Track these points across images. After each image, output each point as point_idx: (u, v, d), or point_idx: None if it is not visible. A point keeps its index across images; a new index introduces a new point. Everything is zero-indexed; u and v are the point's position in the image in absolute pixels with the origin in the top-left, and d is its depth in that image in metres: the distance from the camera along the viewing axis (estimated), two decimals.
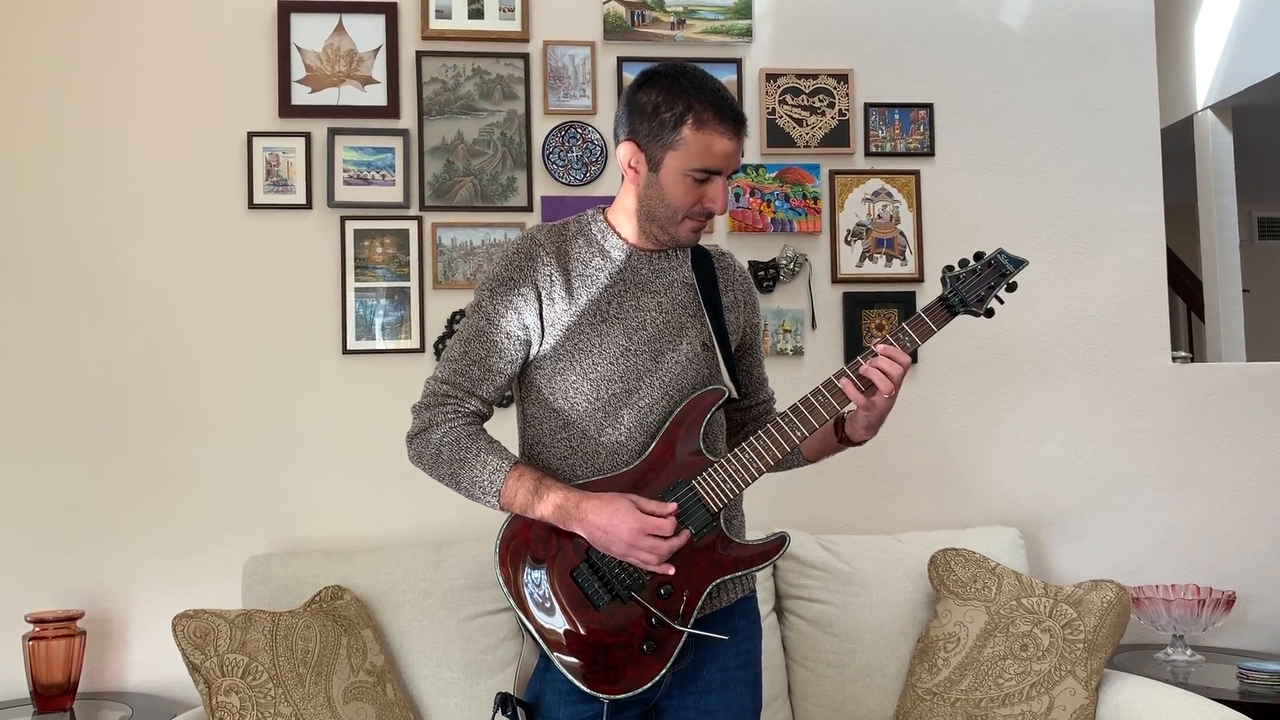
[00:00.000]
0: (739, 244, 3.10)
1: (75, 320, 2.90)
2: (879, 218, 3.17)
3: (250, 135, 2.96)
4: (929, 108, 3.21)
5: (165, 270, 2.93)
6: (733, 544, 1.84)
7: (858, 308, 3.14)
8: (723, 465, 1.82)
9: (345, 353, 2.97)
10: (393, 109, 3.02)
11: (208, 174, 2.96)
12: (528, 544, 1.80)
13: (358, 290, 2.98)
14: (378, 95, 3.02)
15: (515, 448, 1.94)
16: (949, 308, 1.87)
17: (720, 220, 3.08)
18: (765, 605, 2.77)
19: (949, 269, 1.90)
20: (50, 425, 2.87)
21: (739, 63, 3.14)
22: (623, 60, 3.10)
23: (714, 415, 1.87)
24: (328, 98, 3.00)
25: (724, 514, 1.84)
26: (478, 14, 3.06)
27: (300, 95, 2.99)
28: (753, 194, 3.12)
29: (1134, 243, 3.27)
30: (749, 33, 3.15)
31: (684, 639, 1.78)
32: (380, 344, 2.98)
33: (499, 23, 3.07)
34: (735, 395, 1.89)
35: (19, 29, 2.92)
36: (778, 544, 1.85)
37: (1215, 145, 4.78)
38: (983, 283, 1.88)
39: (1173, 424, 3.24)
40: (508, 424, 2.05)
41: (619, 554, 1.75)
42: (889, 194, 3.18)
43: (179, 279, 2.94)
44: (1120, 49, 3.29)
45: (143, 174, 2.94)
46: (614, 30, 3.10)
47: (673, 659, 1.78)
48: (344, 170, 2.99)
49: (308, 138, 2.98)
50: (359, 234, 2.99)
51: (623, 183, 1.88)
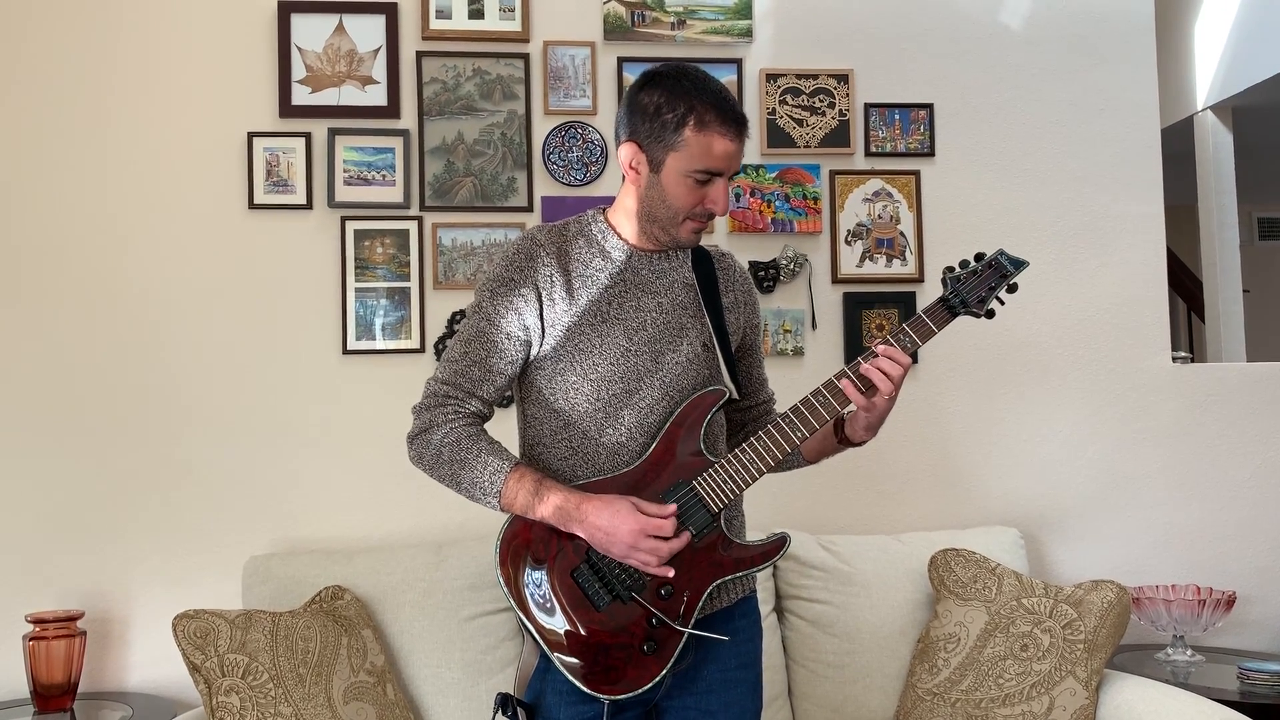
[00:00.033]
0: (739, 244, 3.10)
1: (75, 320, 2.90)
2: (879, 218, 3.17)
3: (250, 135, 2.96)
4: (929, 108, 3.21)
5: (165, 270, 2.94)
6: (733, 544, 1.84)
7: (858, 308, 3.14)
8: (723, 466, 1.82)
9: (345, 353, 2.97)
10: (393, 109, 3.02)
11: (208, 174, 2.96)
12: (528, 544, 1.80)
13: (358, 290, 2.98)
14: (378, 95, 3.02)
15: (515, 448, 1.94)
16: (949, 309, 1.87)
17: (721, 220, 3.08)
18: (765, 605, 2.77)
19: (949, 270, 1.89)
20: (50, 425, 2.87)
21: (739, 63, 3.14)
22: (623, 60, 3.10)
23: (714, 416, 1.87)
24: (328, 98, 3.00)
25: (724, 514, 1.83)
26: (478, 14, 3.06)
27: (300, 95, 2.99)
28: (753, 194, 3.12)
29: (1134, 243, 3.27)
30: (749, 33, 3.15)
31: (684, 639, 1.78)
32: (380, 344, 2.98)
33: (499, 23, 3.07)
34: (736, 396, 1.89)
35: (19, 30, 2.91)
36: (778, 544, 1.85)
37: (1215, 145, 4.78)
38: (983, 284, 1.88)
39: (1173, 424, 3.24)
40: (508, 424, 2.05)
41: (619, 555, 1.75)
42: (889, 194, 3.18)
43: (179, 279, 2.94)
44: (1120, 49, 3.29)
45: (143, 174, 2.95)
46: (614, 30, 3.10)
47: (673, 659, 1.78)
48: (344, 170, 2.99)
49: (308, 138, 2.98)
50: (359, 234, 2.99)
51: (623, 183, 1.88)
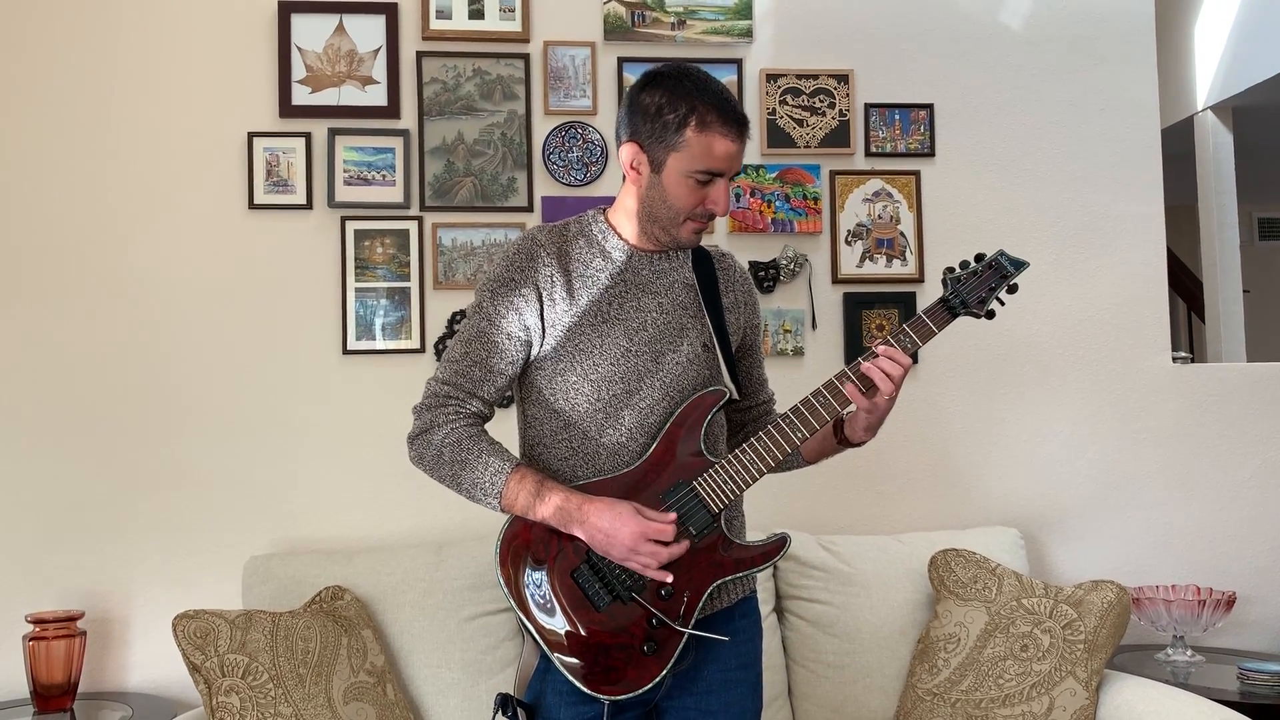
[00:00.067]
0: (739, 244, 3.10)
1: (75, 320, 2.90)
2: (879, 218, 3.17)
3: (250, 135, 2.96)
4: (929, 108, 3.21)
5: (165, 270, 2.93)
6: (734, 545, 1.84)
7: (858, 308, 3.14)
8: (724, 466, 1.82)
9: (345, 353, 2.97)
10: (393, 109, 3.02)
11: (208, 174, 2.96)
12: (528, 545, 1.79)
13: (358, 290, 2.98)
14: (378, 95, 3.02)
15: (516, 449, 1.94)
16: (950, 309, 1.87)
17: (721, 221, 3.08)
18: (765, 606, 2.77)
19: (950, 270, 1.89)
20: (51, 425, 2.87)
21: (739, 63, 3.14)
22: (623, 61, 3.10)
23: (715, 416, 1.87)
24: (328, 98, 3.00)
25: (725, 515, 1.83)
26: (478, 14, 3.06)
27: (300, 95, 2.99)
28: (753, 194, 3.12)
29: (1134, 243, 3.27)
30: (749, 33, 3.15)
31: (684, 640, 1.78)
32: (380, 344, 2.98)
33: (499, 23, 3.06)
34: (736, 396, 1.89)
35: (20, 30, 2.91)
36: (778, 545, 1.85)
37: (1215, 146, 4.79)
38: (983, 284, 1.88)
39: (1173, 424, 3.24)
40: (508, 425, 2.05)
41: (618, 558, 1.75)
42: (889, 194, 3.18)
43: (179, 279, 2.94)
44: (1120, 49, 3.29)
45: (143, 174, 2.94)
46: (614, 31, 3.10)
47: (673, 660, 1.78)
48: (344, 170, 2.99)
49: (308, 138, 2.98)
50: (359, 234, 2.99)
51: (624, 183, 1.88)
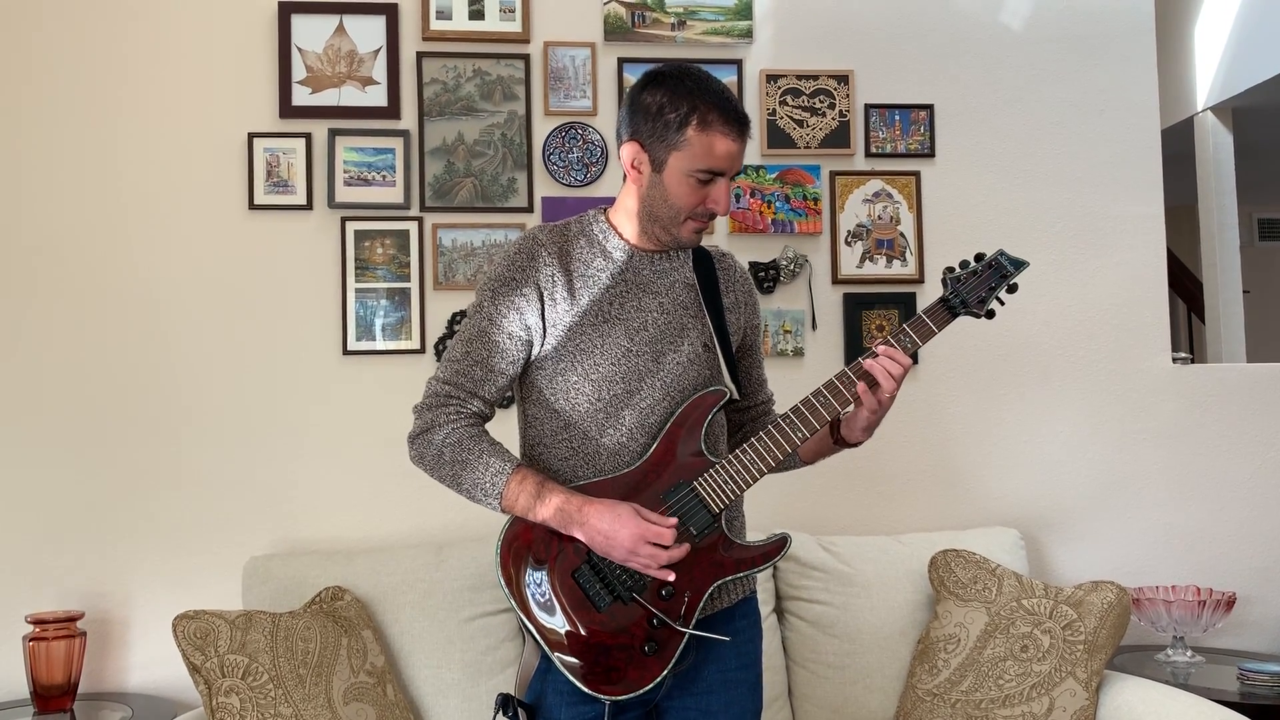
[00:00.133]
0: (739, 245, 3.10)
1: (75, 320, 2.90)
2: (879, 219, 3.17)
3: (251, 136, 2.96)
4: (929, 109, 3.21)
5: (166, 271, 2.93)
6: (734, 545, 1.84)
7: (858, 309, 3.14)
8: (724, 466, 1.82)
9: (345, 353, 2.97)
10: (393, 110, 3.02)
11: (208, 175, 2.96)
12: (529, 545, 1.79)
13: (358, 291, 2.98)
14: (378, 96, 3.02)
15: (516, 449, 1.94)
16: (950, 309, 1.87)
17: (721, 221, 3.08)
18: (766, 606, 2.77)
19: (949, 270, 1.90)
20: (51, 426, 2.87)
21: (739, 64, 3.14)
22: (623, 61, 3.10)
23: (715, 416, 1.87)
24: (328, 98, 3.00)
25: (725, 515, 1.83)
26: (478, 15, 3.06)
27: (301, 96, 2.99)
28: (753, 195, 3.12)
29: (1134, 244, 3.27)
30: (749, 34, 3.15)
31: (685, 640, 1.78)
32: (380, 345, 2.98)
33: (499, 24, 3.07)
34: (736, 396, 1.89)
35: (19, 31, 2.91)
36: (779, 545, 1.85)
37: (1215, 146, 4.79)
38: (983, 284, 1.88)
39: (1173, 425, 3.24)
40: (509, 424, 2.05)
41: (619, 559, 1.75)
42: (889, 195, 3.18)
43: (179, 280, 2.94)
44: (1120, 50, 3.30)
45: (143, 175, 2.94)
46: (614, 31, 3.10)
47: (674, 660, 1.78)
48: (344, 171, 2.99)
49: (308, 138, 2.98)
50: (359, 235, 2.99)
51: (624, 183, 1.88)
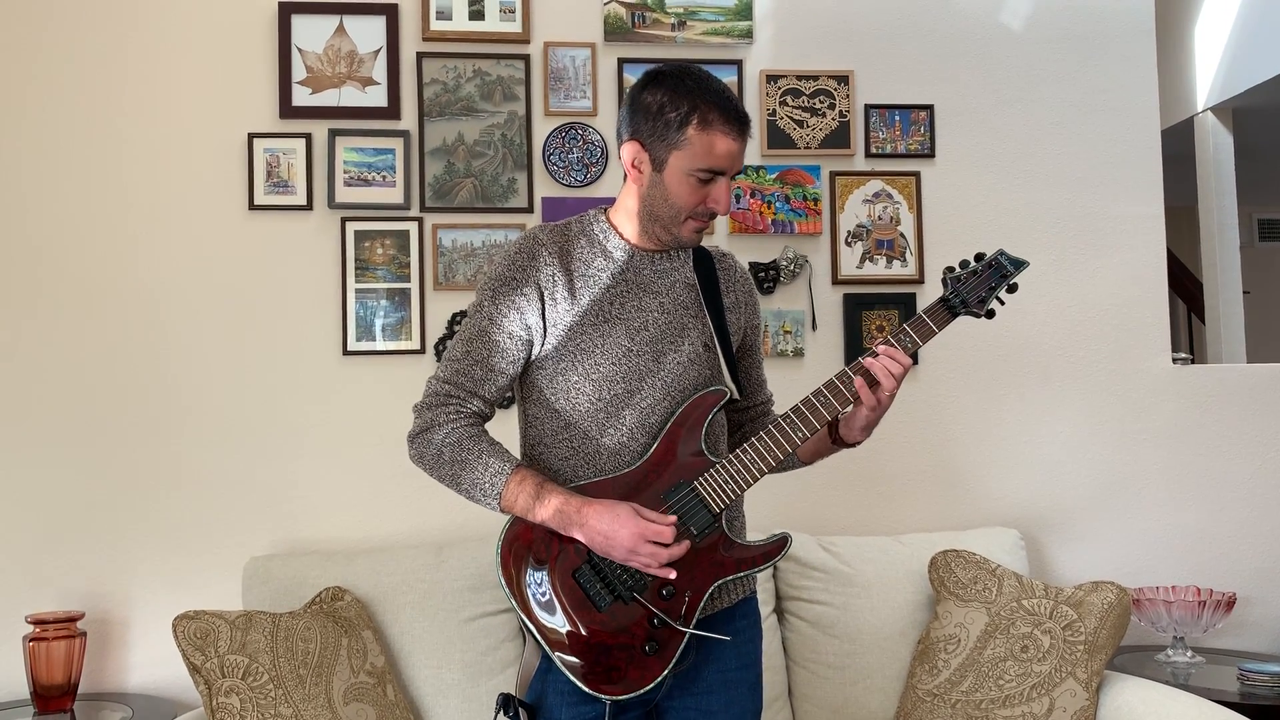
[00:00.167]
0: (740, 245, 3.10)
1: (76, 321, 2.90)
2: (879, 219, 3.17)
3: (251, 136, 2.96)
4: (929, 109, 3.21)
5: (166, 271, 2.94)
6: (735, 545, 1.84)
7: (858, 309, 3.14)
8: (725, 466, 1.82)
9: (345, 354, 2.97)
10: (393, 110, 3.02)
11: (208, 175, 2.96)
12: (530, 545, 1.79)
13: (358, 291, 2.98)
14: (378, 96, 3.02)
15: (516, 449, 1.94)
16: (950, 309, 1.87)
17: (721, 221, 3.08)
18: (766, 606, 2.77)
19: (950, 270, 1.90)
20: (51, 426, 2.87)
21: (739, 64, 3.14)
22: (623, 61, 3.10)
23: (715, 416, 1.87)
24: (328, 99, 3.00)
25: (725, 515, 1.83)
26: (478, 15, 3.06)
27: (301, 96, 2.99)
28: (753, 195, 3.12)
29: (1134, 244, 3.27)
30: (749, 34, 3.15)
31: (686, 640, 1.78)
32: (381, 345, 2.98)
33: (499, 24, 3.07)
34: (737, 396, 1.89)
35: (19, 31, 2.92)
36: (780, 544, 1.85)
37: (1216, 147, 4.79)
38: (983, 284, 1.88)
39: (1173, 425, 3.24)
40: (509, 424, 2.05)
41: (619, 559, 1.75)
42: (889, 195, 3.18)
43: (179, 280, 2.94)
44: (1120, 50, 3.30)
45: (143, 175, 2.95)
46: (614, 31, 3.10)
47: (674, 660, 1.78)
48: (344, 171, 2.99)
49: (308, 139, 2.98)
50: (359, 235, 2.99)
51: (625, 183, 1.88)
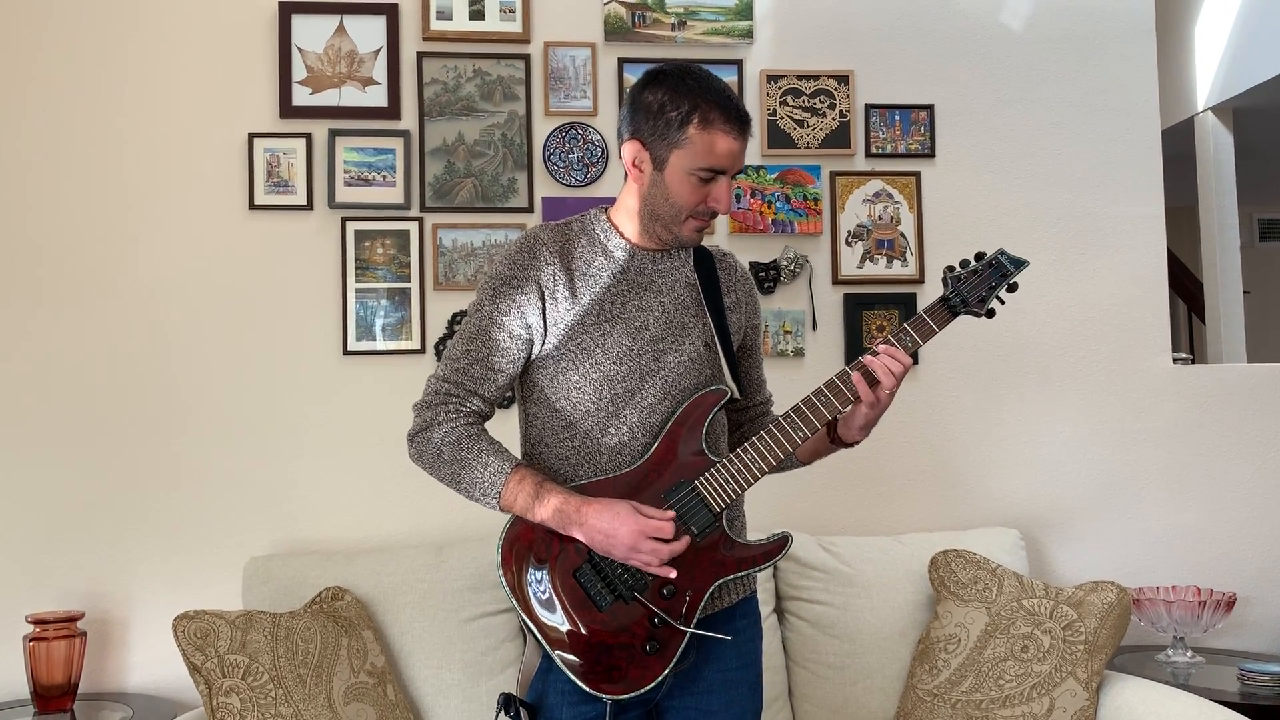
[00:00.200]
0: (740, 245, 3.10)
1: (76, 321, 2.90)
2: (880, 219, 3.17)
3: (251, 136, 2.96)
4: (929, 109, 3.21)
5: (166, 271, 2.93)
6: (735, 544, 1.84)
7: (858, 309, 3.14)
8: (725, 465, 1.82)
9: (346, 354, 2.97)
10: (393, 110, 3.02)
11: (208, 175, 2.96)
12: (531, 545, 1.79)
13: (358, 291, 2.98)
14: (378, 96, 3.02)
15: (516, 448, 1.94)
16: (950, 308, 1.87)
17: (721, 221, 3.08)
18: (766, 606, 2.77)
19: (950, 269, 1.90)
20: (51, 426, 2.87)
21: (740, 64, 3.14)
22: (624, 61, 3.10)
23: (716, 415, 1.87)
24: (328, 99, 3.00)
25: (726, 514, 1.83)
26: (478, 15, 3.06)
27: (301, 96, 2.99)
28: (753, 195, 3.12)
29: (1134, 244, 3.27)
30: (750, 34, 3.15)
31: (686, 639, 1.78)
32: (381, 345, 2.98)
33: (500, 24, 3.07)
34: (738, 395, 1.89)
35: (20, 32, 2.92)
36: (780, 544, 1.85)
37: (1216, 147, 4.78)
38: (984, 283, 1.88)
39: (1173, 425, 3.24)
40: (509, 424, 2.05)
41: (620, 557, 1.75)
42: (890, 195, 3.18)
43: (179, 280, 2.94)
44: (1121, 50, 3.30)
45: (143, 175, 2.95)
46: (615, 31, 3.10)
47: (675, 659, 1.78)
48: (344, 171, 2.99)
49: (308, 139, 2.98)
50: (359, 235, 2.99)
51: (625, 182, 1.88)
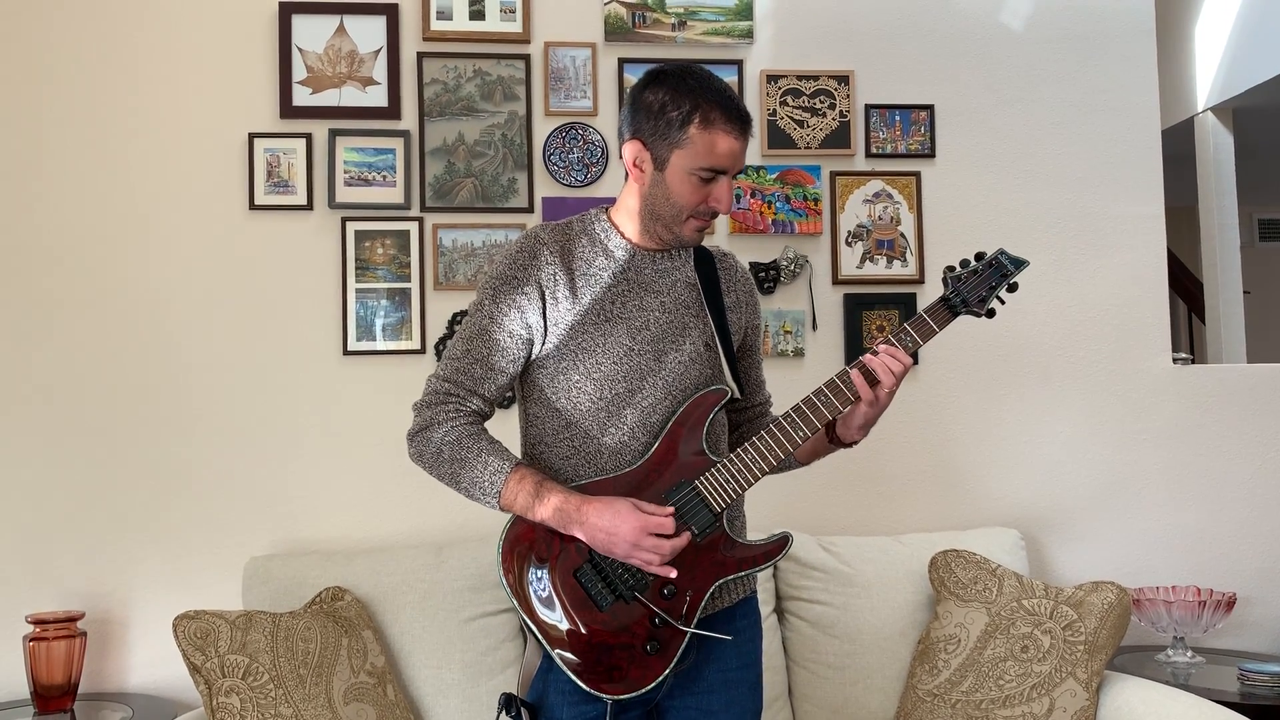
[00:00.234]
0: (740, 245, 3.10)
1: (76, 321, 2.90)
2: (880, 219, 3.17)
3: (251, 136, 2.96)
4: (929, 109, 3.21)
5: (166, 271, 2.93)
6: (736, 544, 1.84)
7: (858, 309, 3.14)
8: (725, 465, 1.82)
9: (346, 354, 2.97)
10: (394, 110, 3.02)
11: (208, 175, 2.96)
12: (531, 544, 1.79)
13: (358, 291, 2.98)
14: (379, 96, 3.02)
15: (517, 448, 1.94)
16: (950, 308, 1.87)
17: (721, 221, 3.08)
18: (766, 606, 2.77)
19: (950, 269, 1.90)
20: (51, 426, 2.87)
21: (740, 64, 3.14)
22: (624, 61, 3.10)
23: (716, 415, 1.87)
24: (329, 99, 3.00)
25: (726, 514, 1.83)
26: (479, 15, 3.06)
27: (301, 96, 2.99)
28: (754, 195, 3.12)
29: (1135, 244, 3.27)
30: (750, 34, 3.15)
31: (687, 639, 1.78)
32: (381, 345, 2.98)
33: (500, 24, 3.07)
34: (738, 395, 1.89)
35: (18, 31, 2.92)
36: (781, 544, 1.85)
37: (1216, 147, 4.78)
38: (984, 283, 1.88)
39: (1173, 425, 3.24)
40: (509, 424, 2.05)
41: (621, 555, 1.75)
42: (890, 195, 3.18)
43: (180, 280, 2.94)
44: (1121, 50, 3.30)
45: (144, 175, 2.95)
46: (615, 31, 3.10)
47: (676, 659, 1.78)
48: (345, 171, 2.99)
49: (308, 139, 2.98)
50: (360, 235, 2.99)
51: (626, 182, 1.88)
